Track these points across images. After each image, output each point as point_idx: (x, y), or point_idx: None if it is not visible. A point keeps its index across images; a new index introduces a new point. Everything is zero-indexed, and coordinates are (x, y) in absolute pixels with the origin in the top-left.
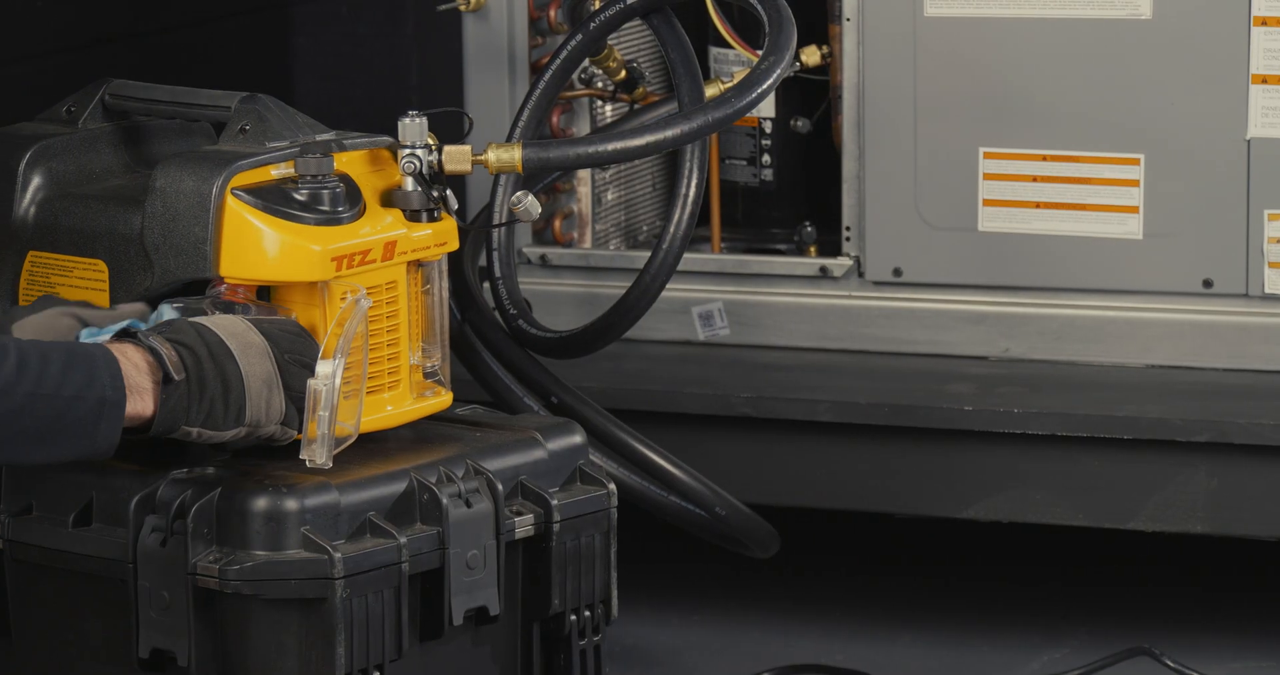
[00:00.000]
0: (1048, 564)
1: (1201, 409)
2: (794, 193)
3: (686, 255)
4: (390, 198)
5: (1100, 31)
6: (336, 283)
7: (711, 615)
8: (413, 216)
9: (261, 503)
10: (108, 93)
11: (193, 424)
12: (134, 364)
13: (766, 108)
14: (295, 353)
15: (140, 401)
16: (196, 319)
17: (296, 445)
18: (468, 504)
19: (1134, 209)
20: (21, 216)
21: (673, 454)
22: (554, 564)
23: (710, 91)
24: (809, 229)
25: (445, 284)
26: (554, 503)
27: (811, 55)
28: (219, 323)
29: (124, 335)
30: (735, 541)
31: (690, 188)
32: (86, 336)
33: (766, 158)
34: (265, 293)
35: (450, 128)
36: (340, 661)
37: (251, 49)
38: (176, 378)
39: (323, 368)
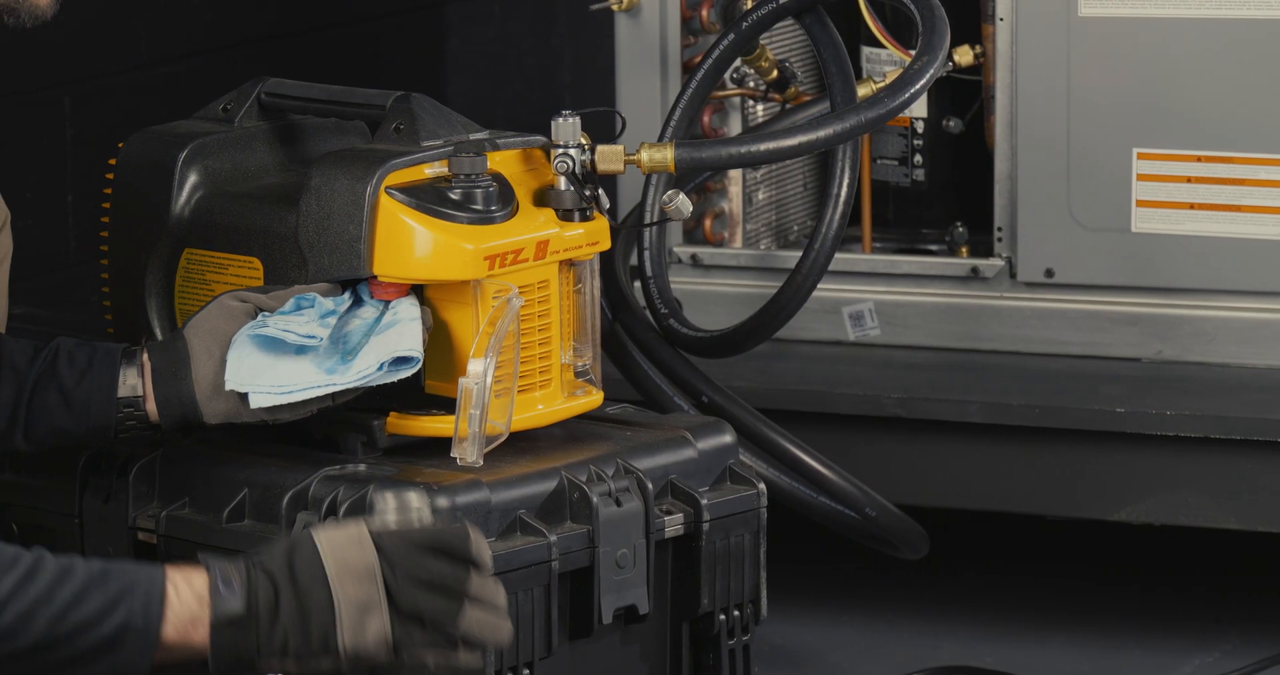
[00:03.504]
0: (1199, 567)
1: None
2: (946, 193)
3: (837, 255)
4: (543, 197)
5: (1256, 31)
6: (489, 281)
7: (860, 616)
8: (565, 216)
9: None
10: (263, 91)
11: (266, 658)
12: (190, 592)
13: (919, 108)
14: (414, 570)
15: (192, 631)
16: (316, 530)
17: (448, 443)
18: (618, 503)
19: None
20: (178, 214)
21: (822, 454)
22: (703, 563)
23: (862, 91)
24: (960, 229)
25: (597, 283)
26: (704, 502)
27: (964, 55)
28: (332, 540)
29: (204, 560)
30: (885, 542)
31: (842, 188)
32: (257, 323)
33: (918, 158)
34: (419, 291)
35: (601, 127)
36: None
37: (405, 48)
38: (231, 609)
39: (474, 366)
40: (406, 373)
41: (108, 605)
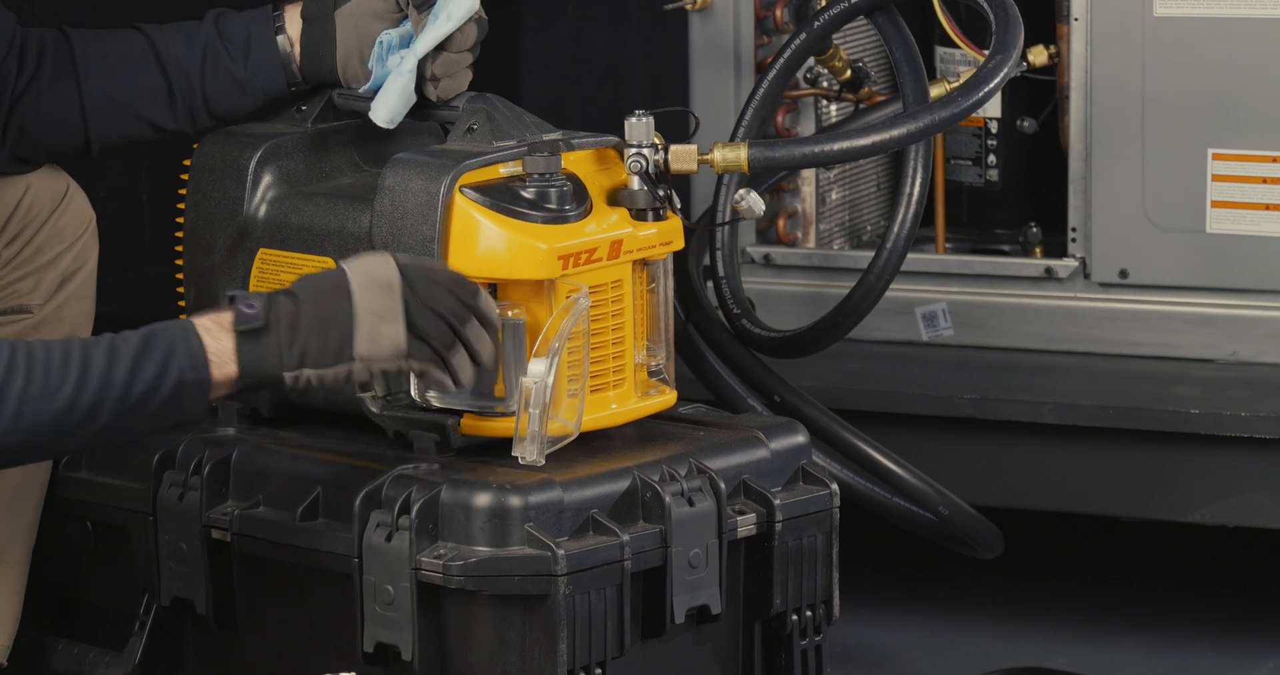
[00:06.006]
0: (1273, 569)
1: None
2: (1019, 193)
3: (910, 255)
4: (616, 196)
5: None
6: (562, 281)
7: (932, 616)
8: (638, 215)
9: (485, 499)
10: (337, 92)
11: (288, 369)
12: (213, 331)
13: (993, 108)
14: (431, 299)
15: (225, 365)
16: (347, 261)
17: (520, 443)
18: (690, 502)
19: None
20: (252, 214)
21: (895, 454)
22: (776, 563)
23: (936, 91)
24: (1034, 230)
25: (670, 283)
26: (776, 502)
27: (1039, 55)
28: (360, 261)
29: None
30: (959, 542)
31: (915, 188)
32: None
33: (992, 158)
34: (492, 290)
35: (675, 127)
36: (563, 658)
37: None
38: (254, 327)
39: (534, 366)
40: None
41: (159, 371)
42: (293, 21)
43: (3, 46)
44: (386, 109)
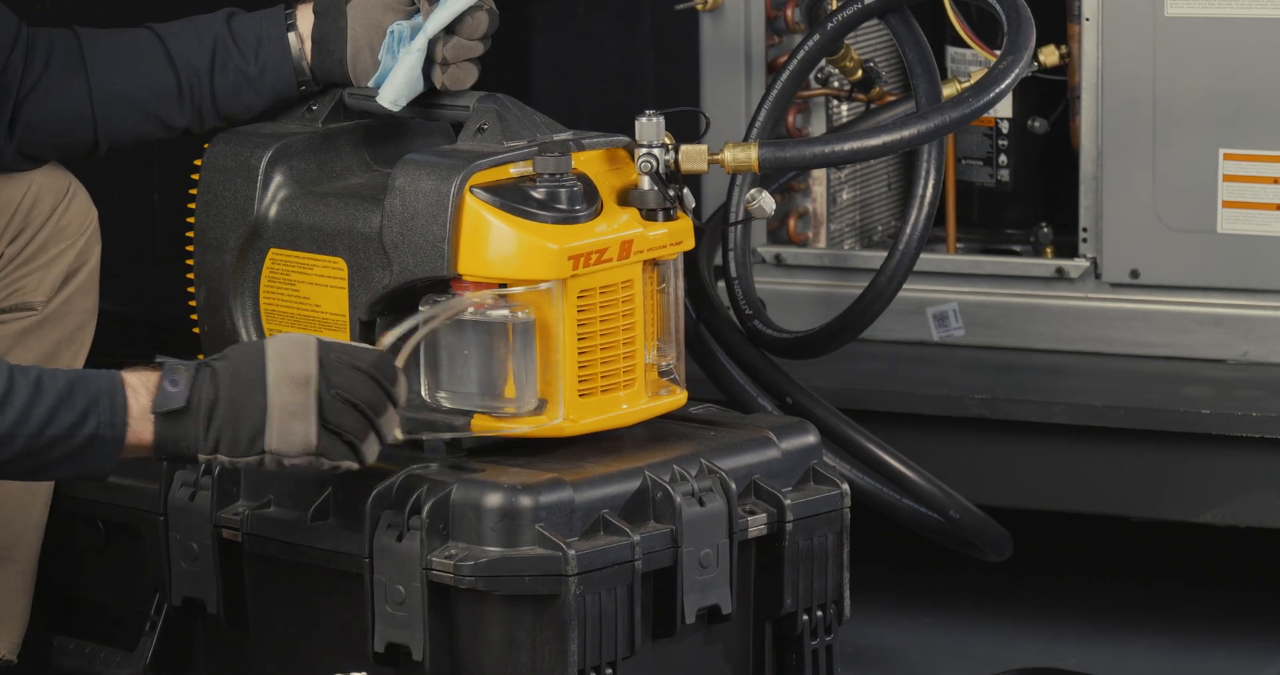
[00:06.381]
0: None
1: None
2: (1030, 193)
3: (921, 255)
4: (627, 197)
5: None
6: (573, 281)
7: (943, 617)
8: (649, 215)
9: (496, 499)
10: (347, 92)
11: (203, 452)
12: (139, 393)
13: (1004, 108)
14: (348, 390)
15: (143, 432)
16: (274, 337)
17: (533, 442)
18: (701, 502)
19: None
20: (263, 214)
21: (906, 455)
22: (786, 564)
23: (947, 91)
24: (1045, 230)
25: (681, 283)
26: (787, 502)
27: (1050, 55)
28: (279, 346)
29: (160, 362)
30: (969, 545)
31: (927, 188)
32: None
33: (1003, 158)
34: (503, 289)
35: (686, 127)
36: (573, 658)
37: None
38: (174, 408)
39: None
40: None
41: (78, 419)
42: (304, 19)
43: (4, 44)
44: (392, 90)
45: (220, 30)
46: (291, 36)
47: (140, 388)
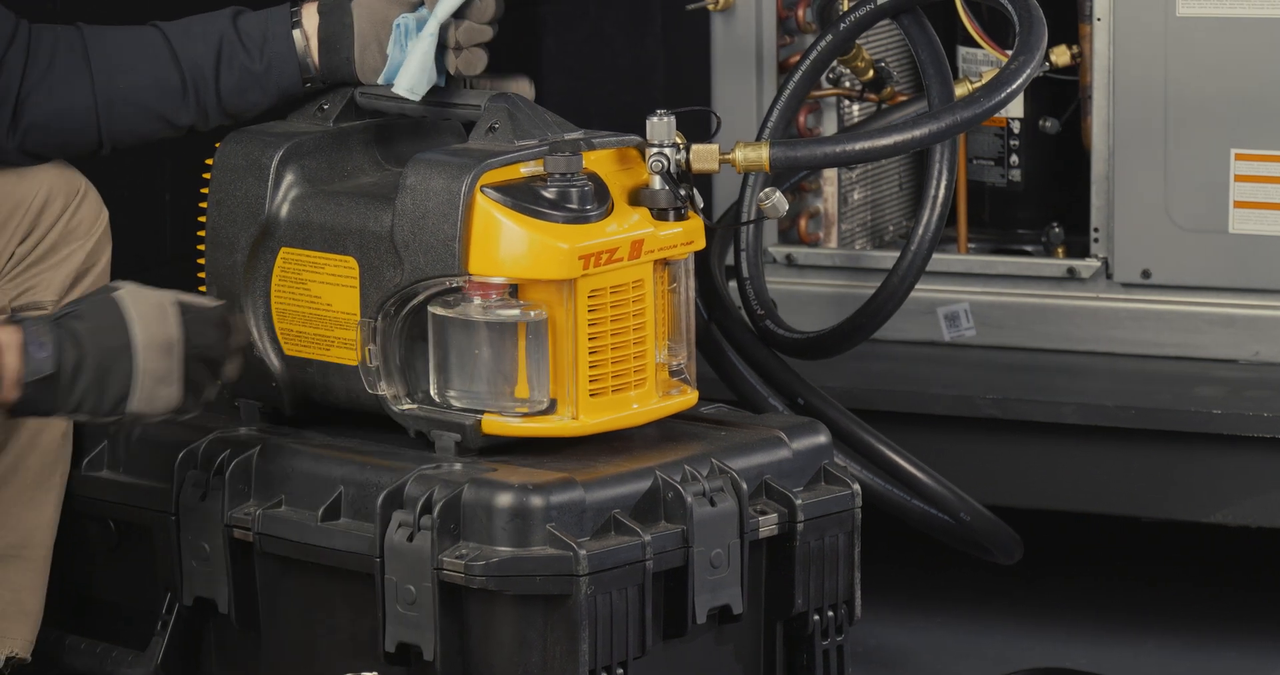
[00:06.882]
0: None
1: None
2: (1042, 193)
3: (933, 255)
4: (638, 196)
5: None
6: (584, 280)
7: (954, 617)
8: (660, 215)
9: (507, 499)
10: (359, 91)
11: (62, 412)
12: (4, 348)
13: (1015, 108)
14: (203, 348)
15: (9, 388)
16: (127, 295)
17: (544, 442)
18: (712, 502)
19: None
20: (274, 213)
21: (917, 455)
22: (797, 564)
23: (959, 91)
24: (1057, 230)
25: (692, 283)
26: (798, 502)
27: (1061, 55)
28: (138, 306)
29: (18, 319)
30: (979, 547)
31: (939, 189)
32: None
33: (1015, 158)
34: (514, 289)
35: (697, 127)
36: (584, 658)
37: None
38: (43, 371)
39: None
40: None
41: None
42: (309, 16)
43: (2, 42)
44: (408, 78)
45: (226, 28)
46: (296, 33)
47: (9, 343)
